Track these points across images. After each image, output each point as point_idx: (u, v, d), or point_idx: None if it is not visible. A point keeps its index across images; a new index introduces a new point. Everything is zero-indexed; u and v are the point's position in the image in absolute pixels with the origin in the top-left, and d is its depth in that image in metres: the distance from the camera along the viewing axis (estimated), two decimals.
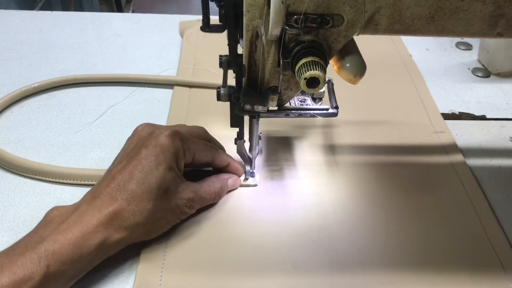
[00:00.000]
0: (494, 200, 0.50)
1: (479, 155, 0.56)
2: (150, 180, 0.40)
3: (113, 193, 0.40)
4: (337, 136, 0.57)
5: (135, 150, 0.43)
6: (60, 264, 0.36)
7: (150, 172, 0.41)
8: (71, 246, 0.37)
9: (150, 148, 0.42)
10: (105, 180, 0.42)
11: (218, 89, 0.43)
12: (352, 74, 0.38)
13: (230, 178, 0.49)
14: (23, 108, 0.61)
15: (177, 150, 0.43)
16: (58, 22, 0.80)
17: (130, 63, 0.71)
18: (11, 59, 0.70)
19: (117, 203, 0.39)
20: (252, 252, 0.44)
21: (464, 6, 0.35)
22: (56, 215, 0.40)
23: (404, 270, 0.43)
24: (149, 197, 0.40)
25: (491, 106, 0.64)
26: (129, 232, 0.40)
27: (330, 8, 0.34)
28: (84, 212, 0.39)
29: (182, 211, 0.44)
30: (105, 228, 0.38)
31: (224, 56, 0.41)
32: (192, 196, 0.44)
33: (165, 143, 0.42)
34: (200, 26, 0.38)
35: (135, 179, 0.40)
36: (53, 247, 0.36)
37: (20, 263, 0.35)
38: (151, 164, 0.41)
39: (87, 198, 0.41)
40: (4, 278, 0.33)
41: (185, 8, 2.66)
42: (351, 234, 0.45)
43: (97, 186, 0.42)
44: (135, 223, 0.40)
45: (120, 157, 0.44)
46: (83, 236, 0.37)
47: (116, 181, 0.40)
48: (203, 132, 0.50)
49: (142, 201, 0.40)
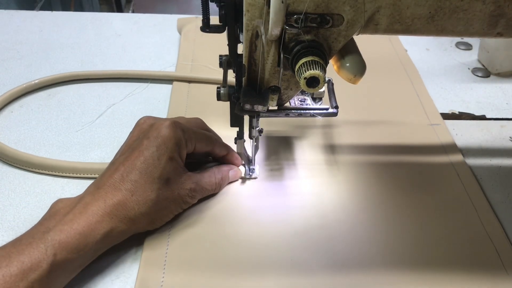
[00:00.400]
0: (494, 200, 0.50)
1: (479, 155, 0.56)
2: (153, 171, 0.41)
3: (117, 184, 0.40)
4: (337, 136, 0.57)
5: (137, 142, 0.43)
6: (66, 253, 0.36)
7: (152, 163, 0.41)
8: (77, 236, 0.37)
9: (152, 139, 0.42)
10: (108, 171, 0.42)
11: (218, 89, 0.43)
12: (352, 73, 0.38)
13: (231, 170, 0.49)
14: (23, 107, 0.61)
15: (179, 140, 0.43)
16: (58, 22, 0.80)
17: (130, 63, 0.71)
18: (11, 59, 0.70)
19: (121, 193, 0.40)
20: (252, 251, 0.44)
21: (464, 6, 0.35)
22: (61, 206, 0.40)
23: (404, 270, 0.43)
24: (152, 187, 0.41)
25: (491, 106, 0.64)
26: (134, 222, 0.41)
27: (330, 8, 0.34)
28: (89, 203, 0.39)
29: (184, 200, 0.45)
30: (110, 218, 0.39)
31: (224, 56, 0.42)
32: (193, 186, 0.45)
33: (166, 133, 0.43)
34: (200, 27, 0.39)
35: (138, 170, 0.41)
36: (59, 237, 0.37)
37: (27, 252, 0.35)
38: (153, 154, 0.42)
39: (91, 190, 0.41)
40: (13, 268, 0.34)
41: (185, 8, 2.66)
42: (351, 234, 0.45)
43: (100, 178, 0.42)
44: (139, 213, 0.41)
45: (123, 149, 0.45)
46: (89, 226, 0.38)
47: (119, 172, 0.41)
48: (201, 122, 0.50)
49: (145, 191, 0.41)
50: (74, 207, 0.39)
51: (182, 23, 0.80)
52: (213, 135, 0.50)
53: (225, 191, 0.49)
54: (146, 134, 0.43)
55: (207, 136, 0.48)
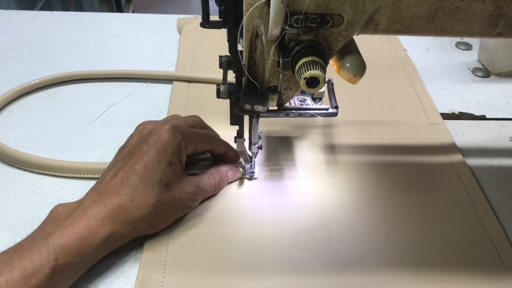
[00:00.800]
0: (494, 200, 0.50)
1: (479, 155, 0.56)
2: (152, 176, 0.41)
3: (117, 188, 0.41)
4: (337, 136, 0.57)
5: (136, 147, 0.44)
6: (68, 257, 0.37)
7: (152, 168, 0.42)
8: (78, 240, 0.37)
9: (151, 144, 0.43)
10: (107, 176, 0.42)
11: (218, 86, 0.43)
12: (352, 73, 0.38)
13: (230, 170, 0.49)
14: (23, 107, 0.61)
15: (178, 144, 0.44)
16: (58, 22, 0.80)
17: (130, 63, 0.71)
18: (11, 59, 0.70)
19: (121, 198, 0.40)
20: (252, 251, 0.44)
21: (464, 6, 0.35)
22: (61, 212, 0.40)
23: (404, 270, 0.43)
24: (152, 192, 0.41)
25: (491, 106, 0.64)
26: (134, 226, 0.41)
27: (330, 8, 0.34)
28: (89, 207, 0.39)
29: (185, 204, 0.45)
30: (110, 222, 0.39)
31: (224, 57, 0.41)
32: (194, 189, 0.45)
33: (166, 138, 0.43)
34: (199, 22, 0.38)
35: (138, 175, 0.41)
36: (60, 241, 0.37)
37: (29, 257, 0.35)
38: (152, 160, 0.42)
39: (91, 194, 0.41)
40: (15, 273, 0.34)
41: (185, 8, 2.66)
42: (351, 234, 0.45)
43: (100, 182, 0.43)
44: (139, 217, 0.41)
45: (123, 154, 0.45)
46: (89, 230, 0.38)
47: (119, 177, 0.41)
48: (198, 120, 0.50)
49: (145, 196, 0.41)
50: (74, 212, 0.39)
51: (182, 23, 0.80)
52: (212, 133, 0.50)
53: (225, 192, 0.49)
54: (146, 140, 0.43)
55: (206, 136, 0.48)
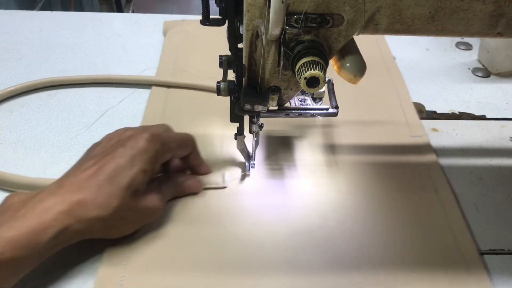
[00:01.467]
0: (494, 200, 0.50)
1: (479, 155, 0.56)
2: (122, 179, 0.40)
3: (82, 183, 0.39)
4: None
5: (112, 148, 0.43)
6: (14, 251, 0.35)
7: (124, 171, 0.41)
8: (29, 233, 0.36)
9: (128, 148, 0.42)
10: (74, 171, 0.41)
11: (218, 84, 0.43)
12: (352, 74, 0.38)
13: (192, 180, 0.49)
14: (23, 108, 0.61)
15: (156, 153, 0.43)
16: (58, 22, 0.80)
17: (130, 63, 0.71)
18: (11, 59, 0.70)
19: (83, 193, 0.39)
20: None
21: (464, 6, 0.35)
22: (15, 201, 0.39)
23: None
24: (118, 194, 0.40)
25: (491, 106, 0.64)
26: (89, 224, 0.39)
27: (330, 8, 0.34)
28: (45, 199, 0.38)
29: (147, 217, 0.44)
30: (65, 217, 0.37)
31: (224, 56, 0.41)
32: (161, 205, 0.44)
33: (144, 146, 0.42)
34: (200, 20, 0.38)
35: (107, 175, 0.40)
36: (9, 234, 0.35)
37: None
38: (126, 163, 0.41)
39: (52, 186, 0.40)
40: None
41: (185, 8, 2.66)
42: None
43: (64, 176, 0.41)
44: (97, 216, 0.39)
45: (95, 151, 0.44)
46: (41, 223, 0.36)
47: (87, 173, 0.40)
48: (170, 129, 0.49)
49: (109, 197, 0.39)
50: (28, 202, 0.38)
51: (167, 26, 0.78)
52: (190, 141, 0.48)
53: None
54: (124, 143, 0.42)
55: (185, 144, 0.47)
